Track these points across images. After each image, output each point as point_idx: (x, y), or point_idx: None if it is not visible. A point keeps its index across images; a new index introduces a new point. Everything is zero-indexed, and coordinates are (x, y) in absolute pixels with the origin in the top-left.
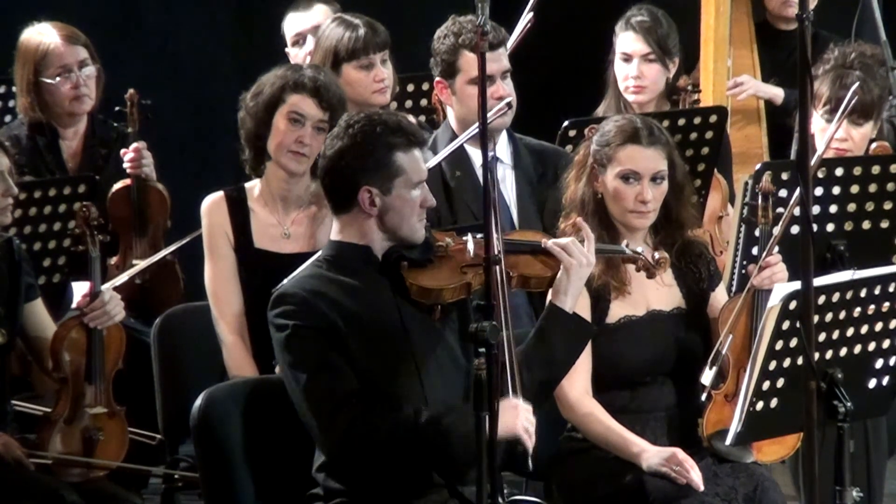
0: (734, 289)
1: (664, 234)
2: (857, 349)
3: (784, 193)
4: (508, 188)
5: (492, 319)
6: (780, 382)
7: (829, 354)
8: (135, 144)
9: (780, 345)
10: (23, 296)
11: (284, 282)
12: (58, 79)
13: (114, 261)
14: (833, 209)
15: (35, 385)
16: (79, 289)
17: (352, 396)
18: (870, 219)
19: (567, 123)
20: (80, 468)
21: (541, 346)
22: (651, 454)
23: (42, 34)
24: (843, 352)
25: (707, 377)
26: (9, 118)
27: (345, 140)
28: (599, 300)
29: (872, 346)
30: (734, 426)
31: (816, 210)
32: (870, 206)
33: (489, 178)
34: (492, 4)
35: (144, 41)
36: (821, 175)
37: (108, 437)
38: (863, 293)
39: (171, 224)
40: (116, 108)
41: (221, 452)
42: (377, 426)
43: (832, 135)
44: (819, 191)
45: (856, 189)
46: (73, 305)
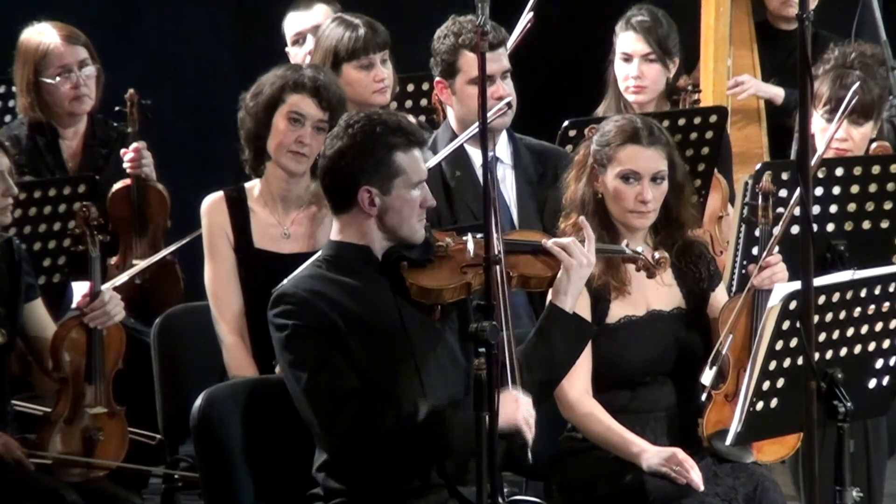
0: (734, 289)
1: (664, 234)
2: (857, 349)
3: (784, 193)
4: (508, 188)
5: (492, 319)
6: (780, 382)
7: (829, 354)
8: (135, 144)
9: (780, 345)
10: (23, 296)
11: (284, 282)
12: (58, 79)
13: (114, 261)
14: (833, 209)
15: (35, 385)
16: (79, 289)
17: (353, 395)
18: (870, 219)
19: (567, 123)
20: (80, 468)
21: (541, 346)
22: (651, 454)
23: (42, 34)
24: (843, 352)
25: (707, 377)
26: (9, 118)
27: (345, 140)
28: (599, 300)
29: (872, 346)
30: (734, 426)
31: (816, 210)
32: (870, 206)
33: (489, 178)
34: (492, 4)
35: (144, 41)
36: (821, 175)
37: (108, 437)
38: (863, 293)
39: (171, 224)
40: (116, 108)
41: (221, 452)
42: (378, 423)
43: (832, 135)
44: (819, 191)
45: (856, 189)
46: (73, 305)
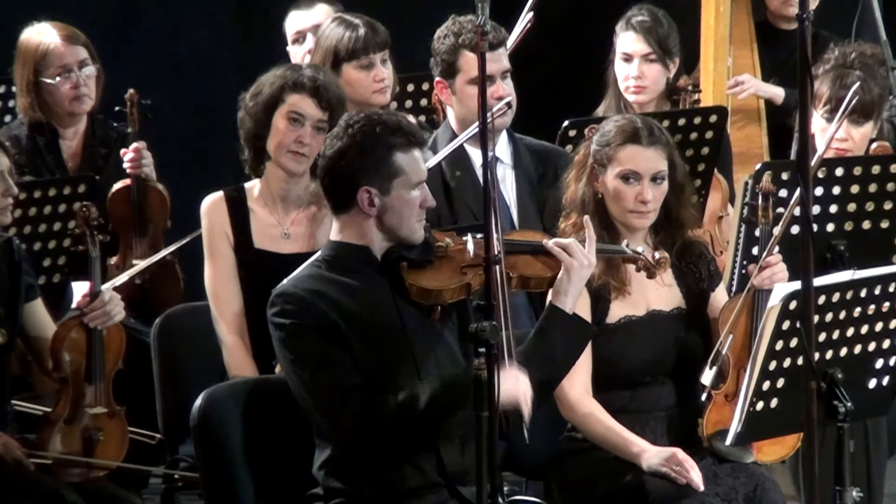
0: (734, 289)
1: (664, 234)
2: (857, 349)
3: (784, 193)
4: (508, 188)
5: (492, 319)
6: (780, 382)
7: (829, 354)
8: (135, 144)
9: (780, 345)
10: (23, 296)
11: (284, 282)
12: (58, 79)
13: (114, 261)
14: (833, 209)
15: (35, 385)
16: (79, 289)
17: (356, 390)
18: (870, 219)
19: (567, 123)
20: (80, 468)
21: (541, 347)
22: (651, 454)
23: (42, 34)
24: (843, 352)
25: (707, 377)
26: (9, 118)
27: (344, 140)
28: (599, 300)
29: (872, 346)
30: (734, 426)
31: (816, 210)
32: (870, 206)
33: (489, 178)
34: (492, 4)
35: (144, 41)
36: (821, 175)
37: (108, 437)
38: (863, 293)
39: (171, 224)
40: (116, 108)
41: (221, 452)
42: (383, 413)
43: (832, 135)
44: (819, 191)
45: (856, 189)
46: (73, 305)
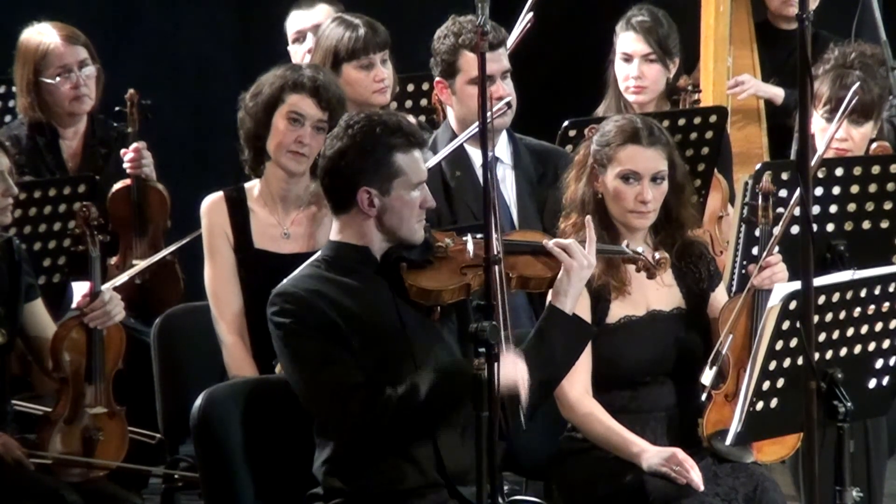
0: (734, 289)
1: (664, 235)
2: (857, 349)
3: (784, 193)
4: (508, 188)
5: (492, 319)
6: (780, 382)
7: (829, 354)
8: (135, 144)
9: (780, 345)
10: (23, 296)
11: (283, 282)
12: (58, 79)
13: (114, 261)
14: (833, 209)
15: (35, 385)
16: (79, 289)
17: (359, 386)
18: (870, 219)
19: (567, 123)
20: (80, 468)
21: (540, 347)
22: (651, 454)
23: (42, 34)
24: (843, 352)
25: (707, 377)
26: (9, 118)
27: (344, 140)
28: (599, 300)
29: (872, 346)
30: (734, 426)
31: (816, 210)
32: (870, 206)
33: (489, 178)
34: (492, 4)
35: (144, 41)
36: (821, 175)
37: (108, 437)
38: (863, 293)
39: (171, 224)
40: (116, 108)
41: (221, 452)
42: (386, 406)
43: (832, 135)
44: (819, 191)
45: (856, 189)
46: (73, 305)
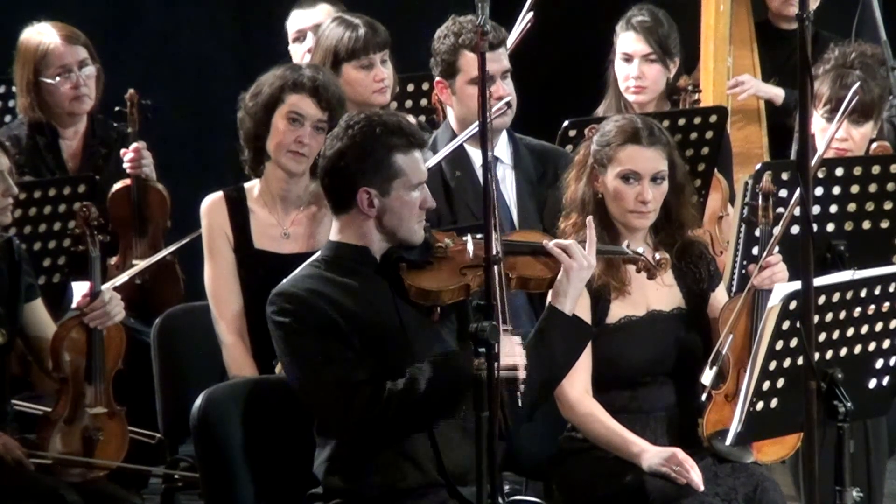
0: (734, 289)
1: (664, 235)
2: (857, 349)
3: (784, 193)
4: (508, 188)
5: (492, 319)
6: (780, 382)
7: (829, 354)
8: (135, 144)
9: (780, 345)
10: (23, 296)
11: (283, 282)
12: (58, 79)
13: (114, 261)
14: (833, 209)
15: (35, 385)
16: (79, 289)
17: (362, 384)
18: (870, 219)
19: (567, 123)
20: (80, 468)
21: (540, 348)
22: (651, 454)
23: (42, 34)
24: (843, 352)
25: (707, 377)
26: (9, 118)
27: (344, 141)
28: (599, 300)
29: (872, 346)
30: (734, 426)
31: (816, 210)
32: (870, 206)
33: (489, 178)
34: (492, 4)
35: (144, 41)
36: (821, 175)
37: (108, 437)
38: (863, 293)
39: (171, 224)
40: (116, 108)
41: (221, 452)
42: (389, 401)
43: (832, 135)
44: (819, 191)
45: (856, 189)
46: (73, 305)
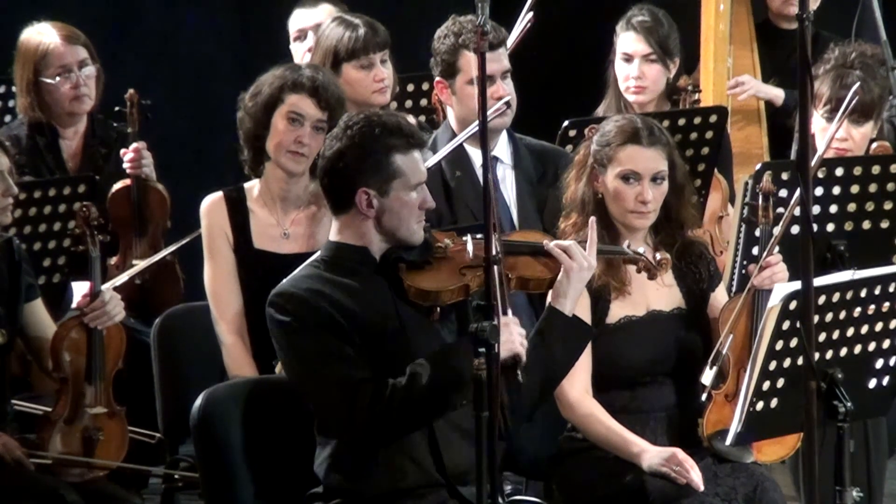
0: (734, 289)
1: (664, 235)
2: (857, 349)
3: (784, 193)
4: (508, 188)
5: (492, 319)
6: (780, 382)
7: (829, 354)
8: (135, 144)
9: (780, 345)
10: (23, 296)
11: (282, 282)
12: (58, 79)
13: (114, 261)
14: (833, 209)
15: (35, 385)
16: (79, 289)
17: (365, 381)
18: (870, 219)
19: (567, 123)
20: (80, 468)
21: (540, 349)
22: (651, 454)
23: (42, 34)
24: (843, 352)
25: (707, 377)
26: (9, 118)
27: (343, 141)
28: (599, 300)
29: (872, 346)
30: (734, 426)
31: (816, 210)
32: (870, 206)
33: (489, 178)
34: (492, 4)
35: (144, 41)
36: (821, 175)
37: (108, 437)
38: (863, 293)
39: (171, 224)
40: (116, 108)
41: (221, 452)
42: (392, 398)
43: (832, 135)
44: (819, 191)
45: (856, 189)
46: (73, 305)
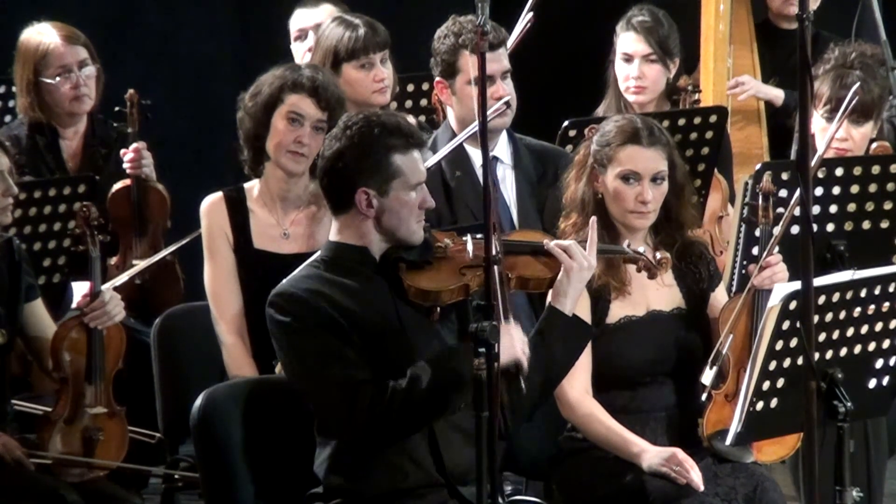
0: (734, 289)
1: (664, 235)
2: (857, 349)
3: (784, 193)
4: (508, 188)
5: (492, 319)
6: (780, 382)
7: (829, 354)
8: (135, 144)
9: (780, 345)
10: (23, 296)
11: (282, 282)
12: (58, 79)
13: (114, 261)
14: (833, 209)
15: (35, 385)
16: (79, 289)
17: (366, 381)
18: (870, 219)
19: (567, 123)
20: (80, 468)
21: (540, 349)
22: (651, 454)
23: (42, 34)
24: (843, 352)
25: (707, 377)
26: (9, 118)
27: (343, 141)
28: (599, 300)
29: (872, 346)
30: (734, 426)
31: (816, 210)
32: (870, 206)
33: (489, 178)
34: (492, 4)
35: (144, 41)
36: (821, 175)
37: (108, 437)
38: (863, 293)
39: (171, 224)
40: (116, 108)
41: (221, 452)
42: (393, 399)
43: (832, 135)
44: (819, 191)
45: (856, 189)
46: (73, 305)
